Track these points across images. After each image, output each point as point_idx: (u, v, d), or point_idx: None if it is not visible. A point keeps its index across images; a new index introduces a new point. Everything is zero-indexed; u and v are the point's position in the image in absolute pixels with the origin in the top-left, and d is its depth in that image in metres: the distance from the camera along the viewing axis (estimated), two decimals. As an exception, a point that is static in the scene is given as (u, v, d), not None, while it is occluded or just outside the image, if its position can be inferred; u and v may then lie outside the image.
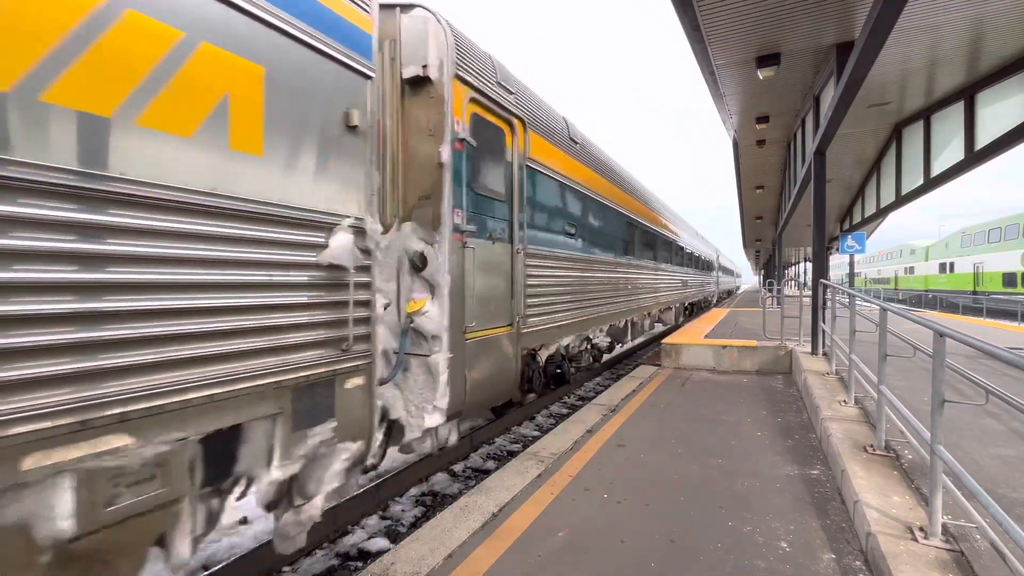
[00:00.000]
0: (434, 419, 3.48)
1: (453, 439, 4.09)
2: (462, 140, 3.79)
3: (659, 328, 15.23)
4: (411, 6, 3.56)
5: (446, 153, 3.57)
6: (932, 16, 5.87)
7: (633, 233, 9.48)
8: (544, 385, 6.58)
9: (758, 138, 11.25)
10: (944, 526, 2.48)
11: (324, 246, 2.67)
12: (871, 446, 3.64)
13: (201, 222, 2.10)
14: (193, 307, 2.07)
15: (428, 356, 3.50)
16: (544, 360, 5.84)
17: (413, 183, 3.60)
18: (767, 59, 7.01)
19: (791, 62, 7.25)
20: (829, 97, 6.95)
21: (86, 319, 1.75)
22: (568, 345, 6.68)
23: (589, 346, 7.64)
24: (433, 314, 3.50)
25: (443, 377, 3.50)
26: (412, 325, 3.44)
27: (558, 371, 6.67)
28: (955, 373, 3.14)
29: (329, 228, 2.72)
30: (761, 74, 7.22)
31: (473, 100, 4.03)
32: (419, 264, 3.50)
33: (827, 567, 2.54)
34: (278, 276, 2.43)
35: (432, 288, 3.54)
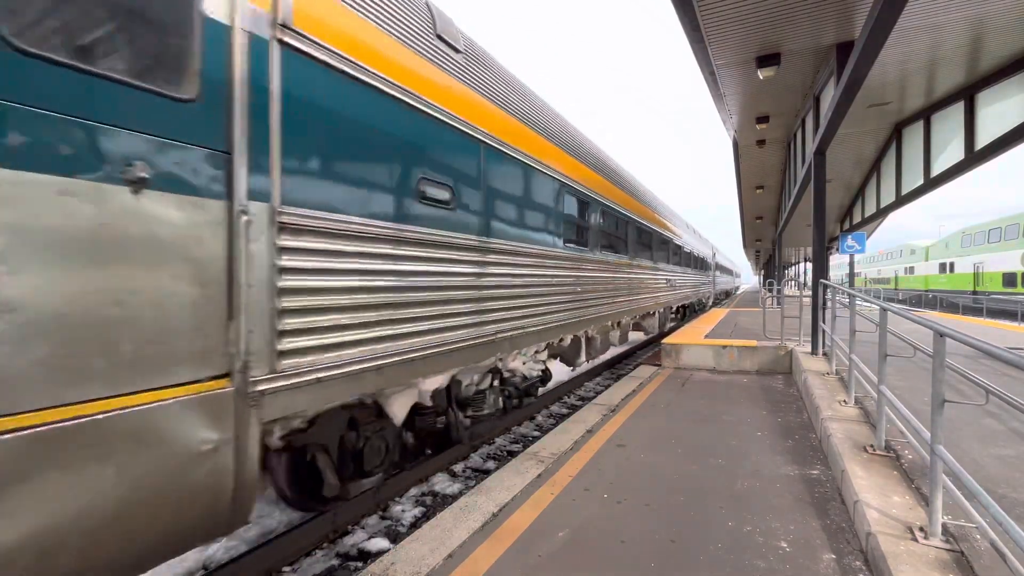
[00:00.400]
0: None
1: None
2: None
3: (636, 339, 14.59)
4: None
5: None
6: (932, 16, 5.87)
7: (589, 215, 7.03)
8: (413, 453, 4.82)
9: (758, 138, 11.25)
10: (944, 526, 2.48)
11: None
12: (871, 446, 3.64)
13: None
14: None
15: None
16: (403, 417, 3.82)
17: None
18: (767, 59, 7.01)
19: (791, 62, 7.25)
20: (829, 97, 6.95)
21: None
22: (462, 383, 4.68)
23: (497, 381, 5.27)
24: None
25: None
26: None
27: (442, 425, 4.60)
28: (955, 373, 3.14)
29: None
30: (761, 74, 7.22)
31: None
32: None
33: (827, 567, 2.54)
34: None
35: None
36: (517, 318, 5.00)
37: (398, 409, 3.78)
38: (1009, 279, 25.69)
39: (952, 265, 32.20)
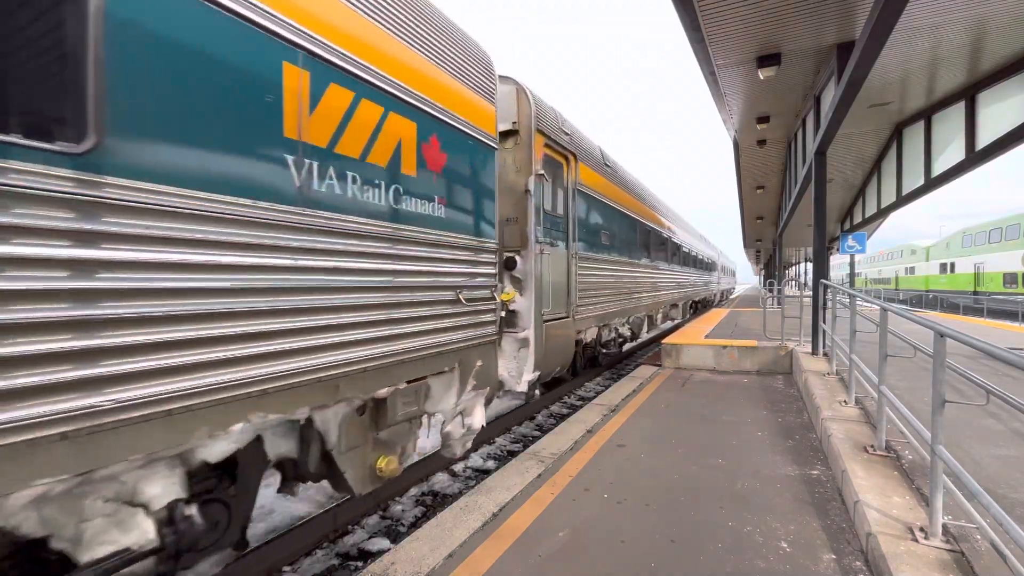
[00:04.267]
0: None
1: None
2: None
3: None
4: None
5: None
6: (933, 16, 5.86)
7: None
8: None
9: (759, 138, 11.25)
10: (944, 526, 2.48)
11: None
12: (871, 446, 3.64)
13: None
14: None
15: None
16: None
17: None
18: (768, 59, 7.01)
19: (792, 62, 7.25)
20: (830, 97, 6.95)
21: None
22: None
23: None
24: None
25: None
26: None
27: None
28: (955, 373, 3.13)
29: None
30: (762, 74, 7.21)
31: None
32: None
33: (827, 567, 2.54)
34: None
35: None
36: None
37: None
38: (1010, 279, 25.68)
39: (953, 265, 32.18)
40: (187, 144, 2.02)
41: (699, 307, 21.31)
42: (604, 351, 8.77)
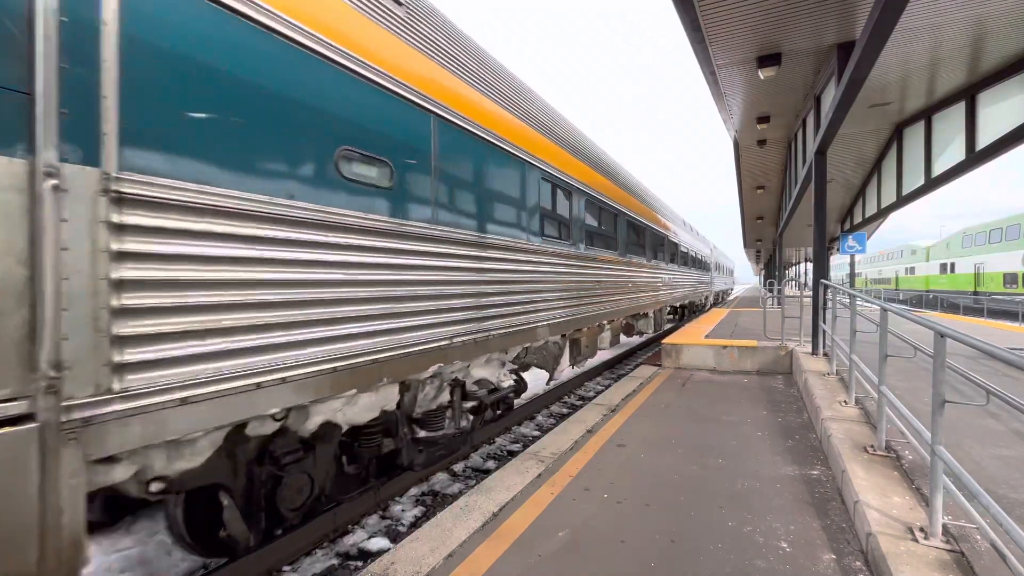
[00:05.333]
0: None
1: None
2: None
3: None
4: None
5: None
6: (933, 16, 5.86)
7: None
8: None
9: (759, 138, 11.25)
10: (945, 526, 2.48)
11: None
12: (871, 446, 3.64)
13: None
14: None
15: None
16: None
17: None
18: (768, 59, 7.00)
19: (792, 62, 7.25)
20: (830, 97, 6.95)
21: None
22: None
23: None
24: None
25: None
26: None
27: None
28: (956, 373, 3.13)
29: None
30: (762, 74, 7.21)
31: None
32: None
33: (827, 567, 2.54)
34: None
35: None
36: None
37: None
38: (1010, 279, 25.68)
39: (953, 266, 32.18)
40: None
41: (685, 313, 17.51)
42: (425, 434, 4.13)
